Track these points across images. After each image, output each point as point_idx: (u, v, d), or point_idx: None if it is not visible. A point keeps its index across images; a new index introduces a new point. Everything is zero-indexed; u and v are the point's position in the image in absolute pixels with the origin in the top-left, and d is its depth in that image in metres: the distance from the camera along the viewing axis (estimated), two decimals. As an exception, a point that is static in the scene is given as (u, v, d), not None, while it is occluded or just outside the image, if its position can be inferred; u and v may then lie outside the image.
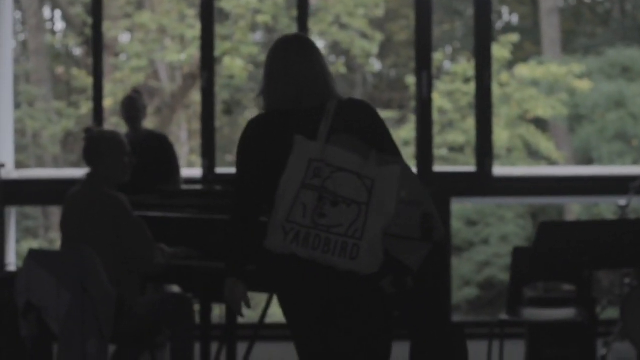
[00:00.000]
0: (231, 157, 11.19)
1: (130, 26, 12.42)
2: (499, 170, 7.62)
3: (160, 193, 5.26)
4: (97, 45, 7.43)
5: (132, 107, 6.37)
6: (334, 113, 3.33)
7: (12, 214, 7.10)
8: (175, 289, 5.94)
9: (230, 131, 13.23)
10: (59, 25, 13.68)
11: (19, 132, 12.59)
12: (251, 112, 12.46)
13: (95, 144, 4.64)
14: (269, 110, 3.41)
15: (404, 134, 12.09)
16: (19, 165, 12.20)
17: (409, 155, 12.19)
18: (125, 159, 4.65)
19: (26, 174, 7.37)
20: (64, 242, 4.65)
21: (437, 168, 7.50)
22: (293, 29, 11.97)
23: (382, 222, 3.22)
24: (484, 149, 7.36)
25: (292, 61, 3.40)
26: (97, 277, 4.28)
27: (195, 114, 12.52)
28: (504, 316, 5.54)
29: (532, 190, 7.52)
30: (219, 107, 12.80)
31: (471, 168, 7.45)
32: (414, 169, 7.39)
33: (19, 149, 12.65)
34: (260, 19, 12.00)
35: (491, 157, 7.37)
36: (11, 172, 7.19)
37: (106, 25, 11.87)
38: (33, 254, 4.40)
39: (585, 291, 5.38)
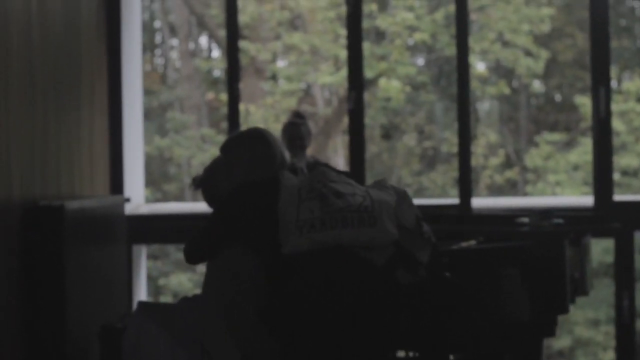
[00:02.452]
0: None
1: (281, 48, 11.95)
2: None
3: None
4: (232, 63, 6.85)
5: (294, 134, 5.60)
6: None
7: (142, 253, 6.55)
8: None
9: (388, 157, 12.57)
10: (215, 50, 13.37)
11: (168, 161, 12.34)
12: (410, 136, 11.86)
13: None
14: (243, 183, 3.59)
15: (574, 158, 11.30)
16: (167, 197, 11.89)
17: (579, 181, 11.34)
18: None
19: (157, 209, 6.79)
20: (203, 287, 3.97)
21: (618, 197, 6.61)
22: (452, 47, 11.30)
23: (386, 205, 3.45)
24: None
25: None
26: (218, 334, 3.60)
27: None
28: None
29: None
30: (376, 132, 12.20)
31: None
32: (591, 197, 6.59)
33: (169, 178, 12.38)
34: (418, 37, 11.38)
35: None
36: (140, 207, 6.63)
37: (256, 48, 11.50)
38: (142, 307, 3.75)
39: None
